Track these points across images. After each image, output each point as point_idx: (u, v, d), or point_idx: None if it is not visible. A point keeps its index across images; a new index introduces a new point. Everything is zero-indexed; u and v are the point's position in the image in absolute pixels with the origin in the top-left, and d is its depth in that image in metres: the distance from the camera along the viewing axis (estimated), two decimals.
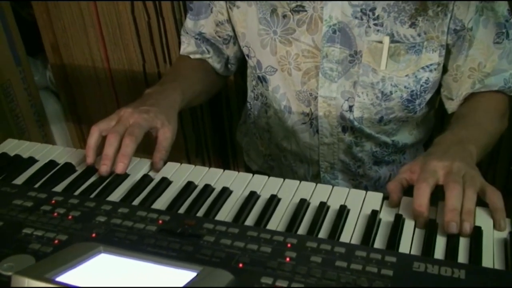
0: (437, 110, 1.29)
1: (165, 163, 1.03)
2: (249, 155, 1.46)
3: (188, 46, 1.30)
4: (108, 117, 1.04)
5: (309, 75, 1.14)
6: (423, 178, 0.86)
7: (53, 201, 0.87)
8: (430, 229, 0.82)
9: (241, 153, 1.96)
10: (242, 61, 1.36)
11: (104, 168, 0.97)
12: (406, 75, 1.09)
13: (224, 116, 1.90)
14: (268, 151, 1.37)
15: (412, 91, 1.12)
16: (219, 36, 1.27)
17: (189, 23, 1.29)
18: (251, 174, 0.97)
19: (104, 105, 2.10)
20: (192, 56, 1.30)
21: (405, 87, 1.11)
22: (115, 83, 2.01)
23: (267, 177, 0.96)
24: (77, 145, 2.28)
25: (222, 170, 0.99)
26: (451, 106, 1.15)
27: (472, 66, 1.09)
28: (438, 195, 0.87)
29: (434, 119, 1.30)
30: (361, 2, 1.05)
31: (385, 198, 0.90)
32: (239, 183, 0.95)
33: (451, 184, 0.84)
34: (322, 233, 0.82)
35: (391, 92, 1.11)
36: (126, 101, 2.03)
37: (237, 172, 0.98)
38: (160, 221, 0.82)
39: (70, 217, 0.83)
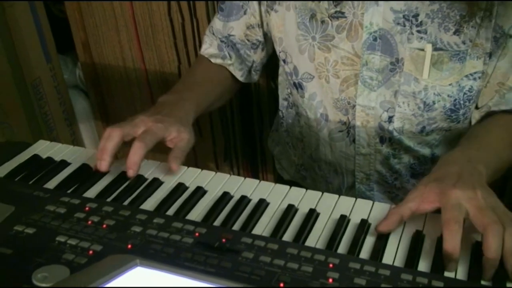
0: None
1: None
2: (281, 164, 1.43)
3: (210, 47, 1.28)
4: (123, 122, 1.02)
5: (348, 83, 1.11)
6: (452, 218, 0.78)
7: (86, 208, 0.85)
8: (475, 252, 0.79)
9: (271, 159, 1.94)
10: (265, 68, 1.33)
11: (101, 164, 0.97)
12: (450, 84, 1.05)
13: (254, 121, 1.88)
14: (301, 161, 1.34)
15: (455, 100, 1.08)
16: (248, 40, 1.25)
17: (217, 24, 1.26)
18: (288, 186, 0.95)
19: (133, 105, 2.09)
20: (213, 60, 1.28)
21: (448, 96, 1.07)
22: (145, 83, 2.00)
23: (304, 190, 0.94)
24: None
25: (258, 180, 0.97)
26: (474, 116, 1.12)
27: (501, 81, 1.05)
28: None
29: None
30: (403, 8, 1.02)
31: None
32: (276, 195, 0.93)
33: (492, 226, 0.76)
34: (364, 253, 0.79)
35: (433, 102, 1.07)
36: (155, 101, 2.02)
37: (273, 184, 0.96)
38: (197, 234, 0.79)
39: (104, 225, 0.81)
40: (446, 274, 0.75)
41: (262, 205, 0.89)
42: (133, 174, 0.96)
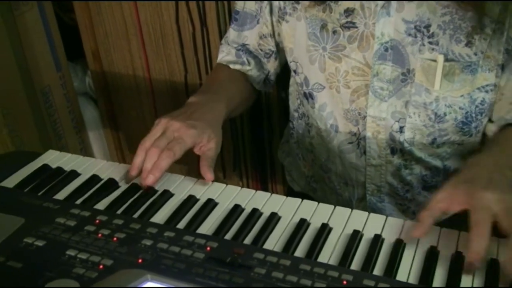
0: None
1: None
2: (291, 175, 1.42)
3: (227, 55, 1.27)
4: (153, 130, 1.01)
5: (358, 93, 1.10)
6: (481, 219, 0.78)
7: (97, 221, 0.85)
8: (489, 267, 0.77)
9: (280, 169, 1.93)
10: (279, 77, 1.32)
11: (146, 182, 0.96)
12: (461, 96, 1.04)
13: (264, 131, 1.87)
14: (311, 173, 1.33)
15: (467, 112, 1.07)
16: (261, 50, 1.24)
17: (232, 34, 1.26)
18: (300, 199, 0.94)
19: (142, 113, 2.09)
20: (232, 66, 1.27)
21: (459, 108, 1.06)
22: (155, 92, 2.00)
23: (316, 203, 0.93)
24: (113, 152, 2.26)
25: (269, 193, 0.96)
26: (490, 129, 1.10)
27: None
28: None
29: None
30: (415, 18, 1.01)
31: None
32: (287, 208, 0.92)
33: None
34: (377, 269, 0.78)
35: (445, 114, 1.06)
36: (165, 110, 2.01)
37: (285, 197, 0.95)
38: (208, 248, 0.79)
39: (115, 239, 0.81)
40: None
41: (273, 218, 0.88)
42: (152, 181, 0.95)
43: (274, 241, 0.84)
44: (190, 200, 0.94)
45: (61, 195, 0.96)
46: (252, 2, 1.20)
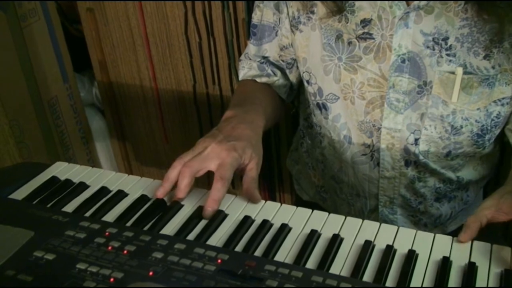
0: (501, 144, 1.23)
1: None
2: (300, 184, 1.41)
3: (250, 70, 1.25)
4: (193, 149, 0.98)
5: (373, 105, 1.09)
6: None
7: (106, 233, 0.84)
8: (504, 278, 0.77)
9: (288, 179, 1.92)
10: (300, 87, 1.31)
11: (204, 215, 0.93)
12: (478, 109, 1.04)
13: (272, 140, 1.87)
14: (322, 182, 1.32)
15: (483, 125, 1.06)
16: (283, 61, 1.23)
17: (252, 49, 1.24)
18: (310, 210, 0.93)
19: (149, 124, 2.09)
20: (258, 80, 1.25)
21: (476, 121, 1.05)
22: (162, 102, 1.99)
23: (327, 214, 0.92)
24: (121, 163, 2.26)
25: (279, 204, 0.95)
26: None
27: None
28: None
29: (499, 154, 1.23)
30: (433, 31, 1.00)
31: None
32: (298, 219, 0.91)
33: None
34: (390, 281, 0.77)
35: (461, 126, 1.06)
36: (172, 121, 2.01)
37: (295, 207, 0.94)
38: (219, 260, 0.78)
39: (125, 251, 0.80)
40: None
41: (284, 230, 0.88)
42: (211, 213, 0.92)
43: (285, 253, 0.83)
44: (200, 212, 0.93)
45: (70, 207, 0.95)
46: (270, 13, 1.18)
